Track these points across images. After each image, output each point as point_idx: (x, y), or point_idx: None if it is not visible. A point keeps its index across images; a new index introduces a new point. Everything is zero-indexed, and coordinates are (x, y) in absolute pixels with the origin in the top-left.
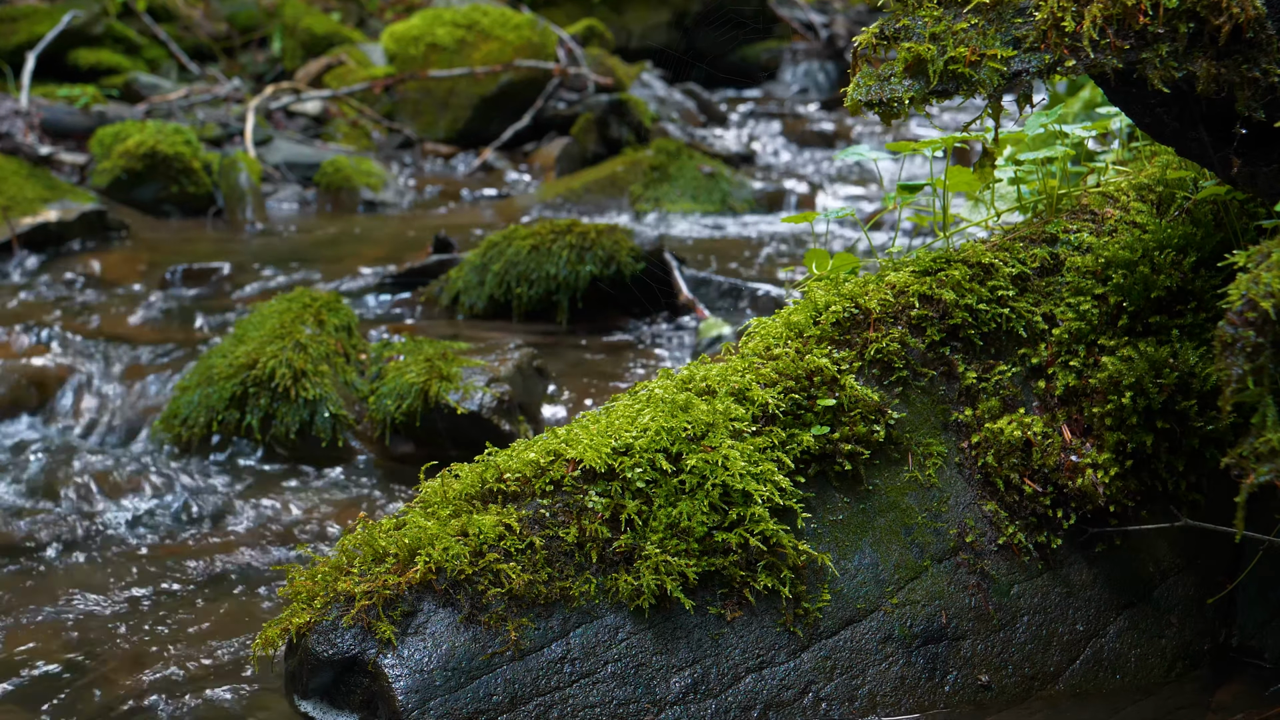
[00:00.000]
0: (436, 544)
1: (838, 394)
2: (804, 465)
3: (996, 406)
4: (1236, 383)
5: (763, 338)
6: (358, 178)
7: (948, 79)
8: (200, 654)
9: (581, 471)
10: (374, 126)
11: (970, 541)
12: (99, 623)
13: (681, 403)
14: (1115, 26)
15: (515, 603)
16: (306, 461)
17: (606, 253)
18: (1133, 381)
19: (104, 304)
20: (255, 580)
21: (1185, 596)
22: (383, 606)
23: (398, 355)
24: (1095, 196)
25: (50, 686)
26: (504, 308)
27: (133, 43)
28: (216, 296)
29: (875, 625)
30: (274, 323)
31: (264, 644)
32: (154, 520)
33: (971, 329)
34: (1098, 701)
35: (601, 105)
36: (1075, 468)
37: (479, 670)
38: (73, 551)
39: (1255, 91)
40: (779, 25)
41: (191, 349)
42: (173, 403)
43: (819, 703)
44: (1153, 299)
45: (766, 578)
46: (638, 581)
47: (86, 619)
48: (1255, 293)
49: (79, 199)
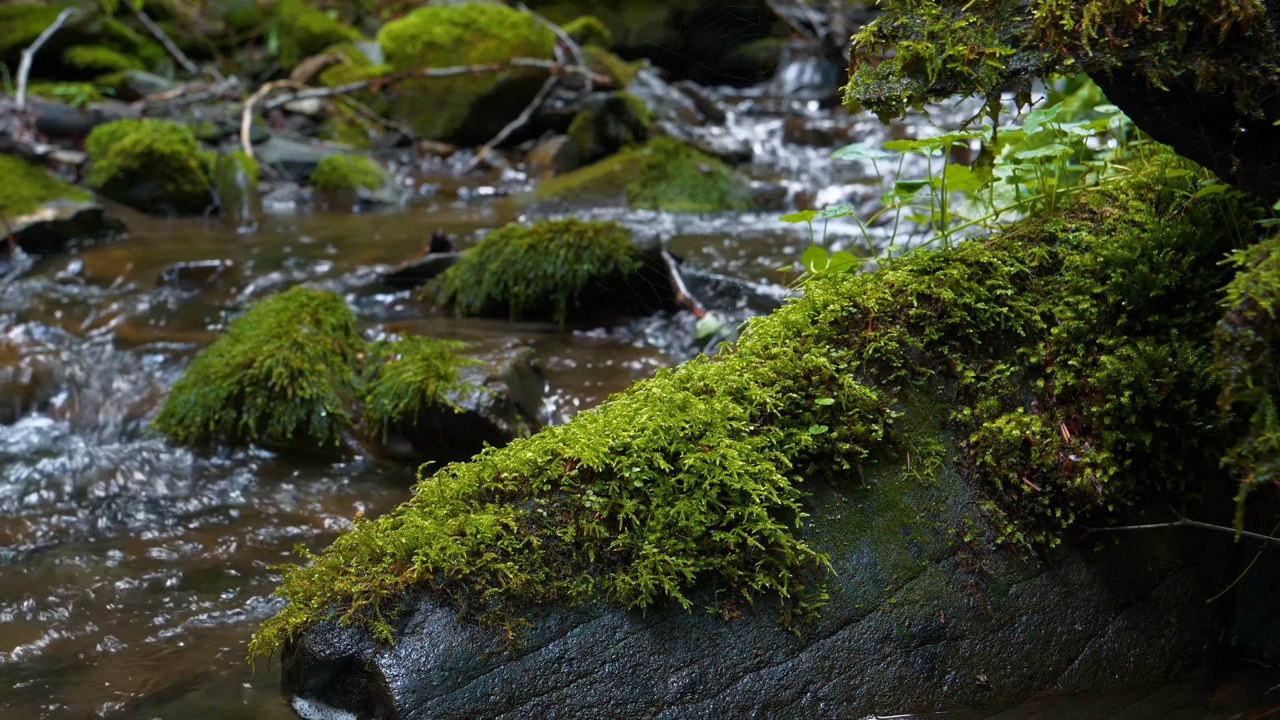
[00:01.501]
0: (434, 544)
1: (836, 393)
2: (802, 465)
3: (995, 406)
4: (1235, 382)
5: (761, 337)
6: (355, 176)
7: (946, 77)
8: (196, 654)
9: (579, 471)
10: (371, 125)
11: (969, 541)
12: (94, 622)
13: (679, 402)
14: (1114, 25)
15: (513, 602)
16: (303, 461)
17: (604, 252)
18: (1131, 381)
19: (100, 303)
20: (251, 580)
21: (1184, 596)
22: (380, 606)
23: (395, 354)
24: (1094, 195)
25: (44, 685)
26: (501, 307)
27: (129, 41)
28: (213, 295)
29: (873, 625)
30: (271, 322)
31: (261, 644)
32: (150, 519)
33: (970, 328)
34: (1096, 701)
35: (599, 104)
36: (1074, 467)
37: (476, 670)
38: (67, 550)
39: (1254, 90)
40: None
41: (188, 348)
42: (169, 402)
43: (817, 703)
44: (1152, 298)
45: (764, 577)
46: (635, 581)
47: (81, 618)
48: (1254, 291)
49: (75, 198)
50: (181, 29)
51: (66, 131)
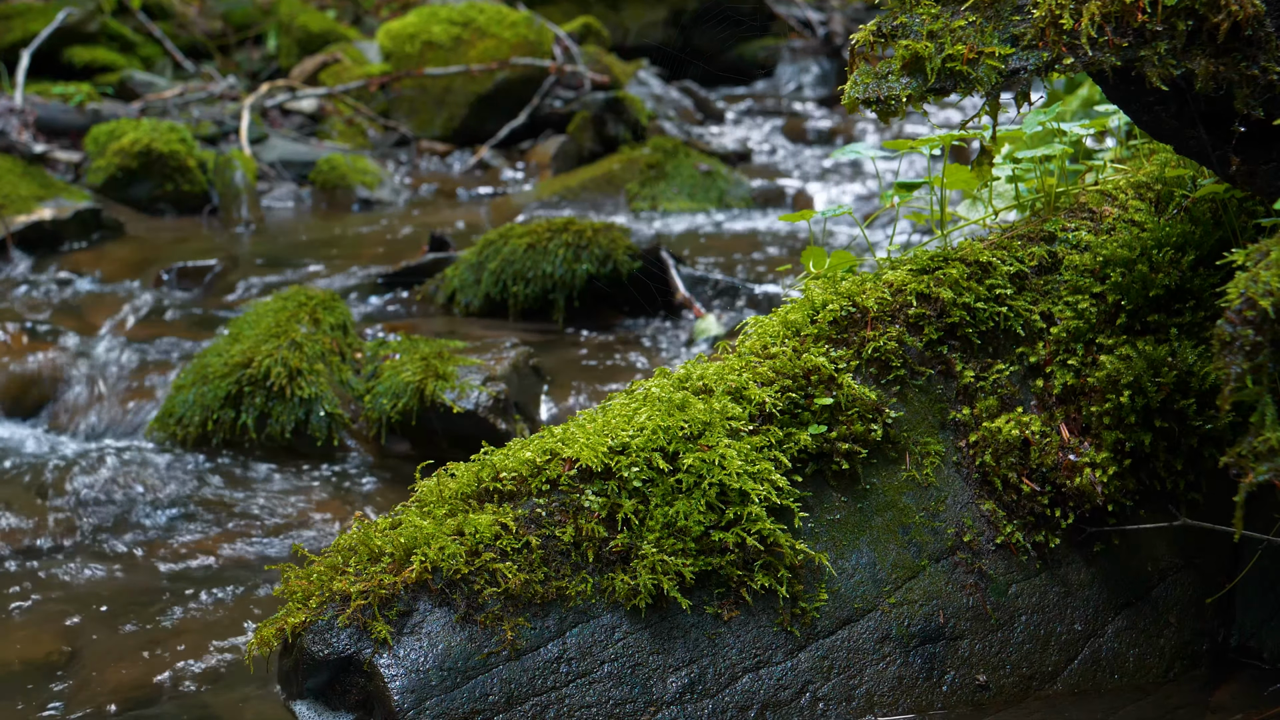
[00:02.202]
0: (432, 543)
1: (835, 393)
2: (801, 464)
3: (994, 405)
4: (1235, 381)
5: (760, 336)
6: (353, 176)
7: (945, 77)
8: (194, 654)
9: (578, 471)
10: (370, 124)
11: (968, 541)
12: (92, 622)
13: (678, 401)
14: (1113, 24)
15: (511, 602)
16: (302, 460)
17: (603, 251)
18: (1131, 380)
19: (98, 302)
20: (250, 579)
21: (1184, 596)
22: (378, 606)
23: (393, 354)
24: (1093, 195)
25: (43, 685)
26: (500, 306)
27: (128, 40)
28: (211, 295)
29: (873, 625)
30: (269, 321)
31: (259, 644)
32: (148, 519)
33: (969, 327)
34: (1096, 701)
35: (598, 103)
36: (1073, 467)
37: (475, 670)
38: (66, 551)
39: (1254, 89)
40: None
41: (186, 348)
42: (168, 402)
43: (816, 703)
44: (1151, 297)
45: (763, 577)
46: (634, 581)
47: (79, 618)
48: (1254, 291)
49: (74, 197)
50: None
51: (65, 131)
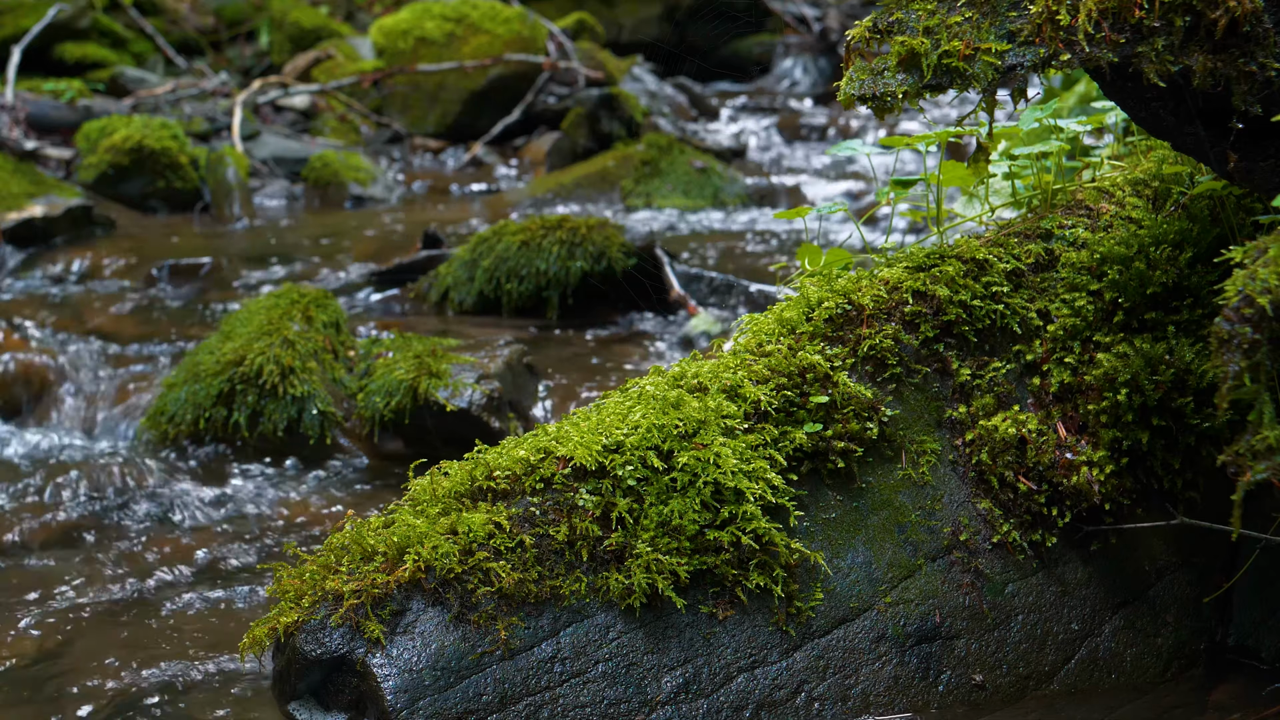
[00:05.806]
0: (426, 542)
1: (830, 391)
2: (796, 463)
3: (991, 404)
4: (1233, 379)
5: (755, 334)
6: (346, 173)
7: (941, 73)
8: (186, 654)
9: (572, 469)
10: (362, 121)
11: (964, 540)
12: (83, 621)
13: (673, 400)
14: (1110, 20)
15: (505, 602)
16: (294, 459)
17: (597, 248)
18: (1128, 378)
19: (90, 300)
20: (242, 579)
21: (1181, 595)
22: (371, 605)
23: (386, 352)
24: (1090, 192)
25: (35, 685)
26: (494, 304)
27: (119, 36)
28: (203, 292)
29: (868, 624)
30: (261, 319)
31: (252, 643)
32: (139, 518)
33: (965, 325)
34: (1093, 701)
35: (592, 99)
36: (1070, 465)
37: (468, 670)
38: (56, 549)
39: (1252, 86)
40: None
41: (178, 345)
42: (159, 400)
43: (812, 702)
44: (1148, 295)
45: (759, 576)
46: (629, 580)
47: (70, 618)
48: (1252, 289)
49: (65, 194)
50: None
51: (56, 127)
